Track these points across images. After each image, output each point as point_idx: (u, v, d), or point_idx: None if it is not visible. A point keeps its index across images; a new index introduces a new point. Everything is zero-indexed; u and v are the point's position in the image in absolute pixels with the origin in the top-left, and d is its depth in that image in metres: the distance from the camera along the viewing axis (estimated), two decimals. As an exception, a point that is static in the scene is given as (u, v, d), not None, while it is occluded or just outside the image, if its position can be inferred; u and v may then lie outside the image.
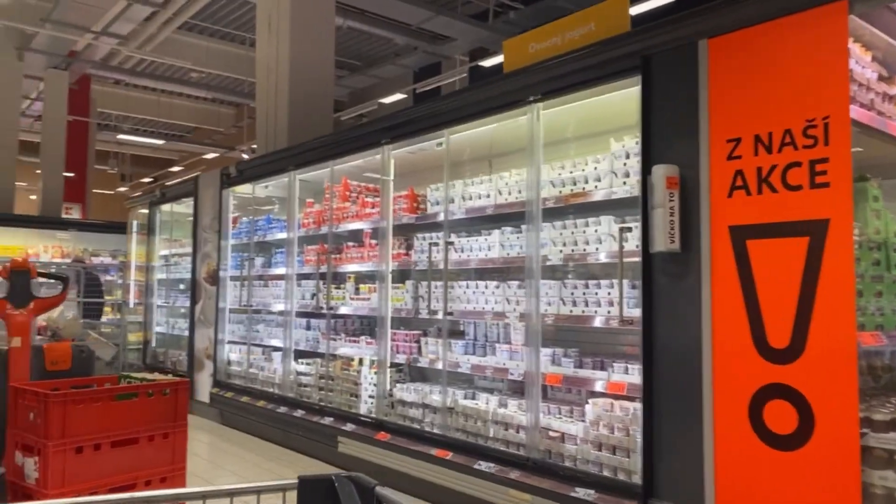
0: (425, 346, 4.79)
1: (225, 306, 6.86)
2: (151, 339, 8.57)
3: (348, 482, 1.38)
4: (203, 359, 7.07)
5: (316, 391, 5.61)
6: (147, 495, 1.38)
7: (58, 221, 12.03)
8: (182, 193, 7.79)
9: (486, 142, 4.81)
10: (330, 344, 5.55)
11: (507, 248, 4.28)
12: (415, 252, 4.94)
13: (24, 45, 11.87)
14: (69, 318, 7.74)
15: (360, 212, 5.48)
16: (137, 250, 9.19)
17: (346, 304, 5.49)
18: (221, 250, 6.89)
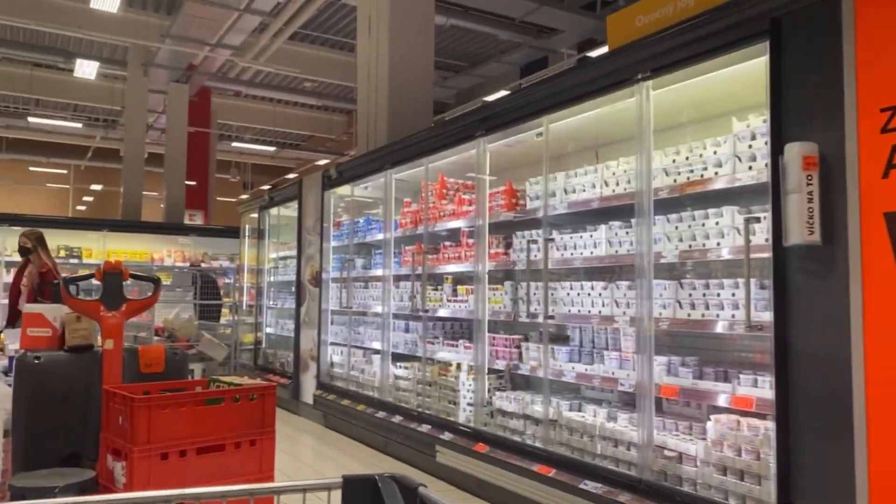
0: (526, 351, 4.47)
1: (327, 308, 6.83)
2: (262, 341, 8.74)
3: (391, 482, 1.37)
4: (308, 360, 7.08)
5: (414, 396, 5.42)
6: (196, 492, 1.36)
7: (178, 227, 12.64)
8: (288, 197, 7.88)
9: (590, 130, 4.42)
10: (427, 348, 5.34)
11: (614, 245, 3.88)
12: (514, 251, 4.63)
13: (148, 62, 12.58)
14: (184, 320, 8.01)
15: (456, 210, 5.24)
16: (249, 253, 9.43)
17: (443, 306, 5.26)
18: (324, 252, 6.87)
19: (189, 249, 12.30)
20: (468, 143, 4.85)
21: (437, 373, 5.17)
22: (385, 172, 5.90)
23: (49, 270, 6.26)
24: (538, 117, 4.18)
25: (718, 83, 3.47)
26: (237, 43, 11.59)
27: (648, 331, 3.51)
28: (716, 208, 3.36)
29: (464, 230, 5.17)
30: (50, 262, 6.34)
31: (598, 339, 4.14)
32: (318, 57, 14.85)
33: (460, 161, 5.36)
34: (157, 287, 3.58)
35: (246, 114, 19.38)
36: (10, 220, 11.23)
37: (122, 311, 3.36)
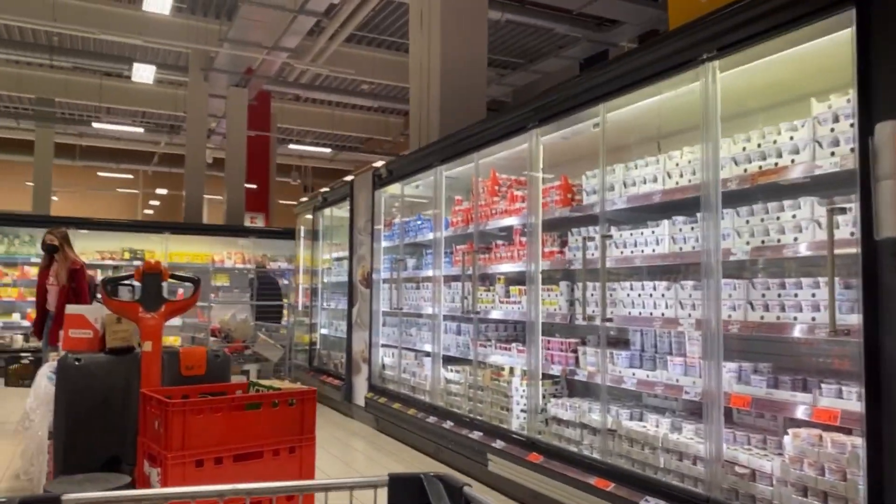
0: (583, 356, 4.20)
1: (378, 309, 6.70)
2: (317, 342, 8.70)
3: (437, 481, 1.38)
4: (360, 362, 6.96)
5: (465, 401, 5.21)
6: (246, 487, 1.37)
7: (236, 229, 12.79)
8: (340, 197, 7.80)
9: (651, 119, 4.12)
10: (478, 351, 5.13)
11: (678, 241, 3.58)
12: (569, 249, 4.37)
13: (207, 66, 12.79)
14: (240, 321, 8.03)
15: (509, 207, 5.01)
16: (304, 255, 9.42)
17: (495, 307, 5.03)
18: (374, 253, 6.75)
19: (248, 251, 12.44)
20: (520, 136, 4.61)
21: (490, 377, 4.95)
22: (435, 169, 5.72)
23: (82, 267, 6.28)
24: (594, 105, 3.91)
25: (793, 61, 3.14)
26: (293, 45, 11.65)
27: (716, 334, 3.21)
28: (792, 200, 3.03)
29: (517, 228, 4.94)
30: (79, 260, 6.39)
31: (661, 344, 3.84)
32: (375, 58, 14.83)
33: (513, 156, 5.13)
34: (196, 288, 3.49)
35: (305, 117, 19.58)
36: (76, 223, 11.58)
37: (160, 313, 3.28)
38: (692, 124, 3.45)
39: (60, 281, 6.04)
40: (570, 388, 4.58)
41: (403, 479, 1.40)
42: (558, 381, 4.56)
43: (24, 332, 10.81)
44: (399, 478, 1.41)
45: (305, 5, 10.04)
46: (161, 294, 3.30)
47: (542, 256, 4.53)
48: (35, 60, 14.29)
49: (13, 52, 12.74)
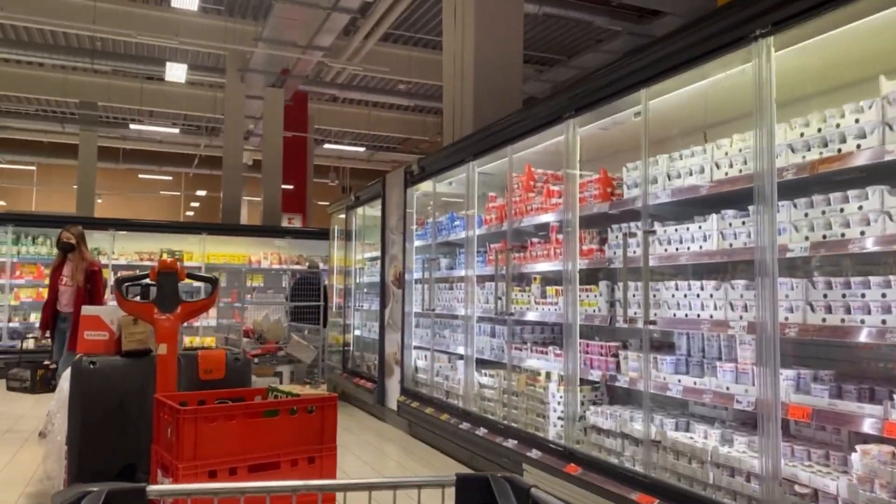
0: (624, 361, 3.93)
1: (411, 310, 6.51)
2: (351, 343, 8.56)
3: (504, 482, 1.38)
4: (392, 364, 6.78)
5: (500, 407, 4.98)
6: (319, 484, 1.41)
7: (272, 230, 12.77)
8: (372, 196, 7.64)
9: (697, 106, 3.84)
10: (512, 354, 4.89)
11: (728, 237, 3.30)
12: (609, 247, 4.10)
13: (244, 67, 12.80)
14: (273, 322, 7.93)
15: (545, 203, 4.76)
16: (338, 255, 9.30)
17: (531, 308, 4.79)
18: (406, 252, 6.56)
19: (285, 252, 12.41)
20: (556, 128, 4.36)
21: (525, 382, 4.70)
22: (467, 165, 5.51)
23: (100, 269, 6.16)
24: (635, 91, 3.65)
25: (858, 36, 2.84)
26: (328, 44, 11.57)
27: (772, 339, 2.92)
28: (858, 189, 2.73)
29: (553, 225, 4.69)
30: (97, 261, 6.31)
31: (709, 348, 3.56)
32: (411, 57, 14.70)
33: (549, 150, 4.89)
34: (214, 288, 3.34)
35: (342, 118, 19.57)
36: (115, 225, 11.70)
37: (176, 314, 3.14)
38: (743, 110, 3.17)
39: (77, 281, 5.90)
40: (611, 395, 4.32)
41: (471, 479, 1.41)
42: (598, 388, 4.29)
43: (65, 333, 10.94)
44: (467, 478, 1.41)
45: (339, 3, 9.93)
46: (177, 294, 3.16)
47: (580, 255, 4.27)
48: (79, 65, 14.53)
49: (57, 56, 12.94)
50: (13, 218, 11.05)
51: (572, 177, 4.31)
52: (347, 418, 7.15)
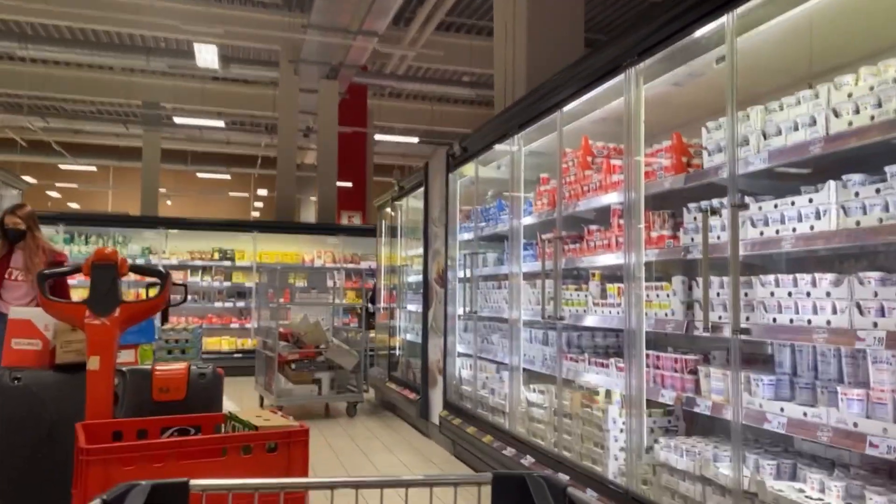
0: (706, 379, 3.02)
1: (454, 312, 5.72)
2: (397, 347, 7.85)
3: (541, 481, 1.36)
4: (436, 373, 6.01)
5: (550, 430, 4.12)
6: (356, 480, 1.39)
7: (323, 227, 12.23)
8: (416, 184, 6.89)
9: (801, 43, 2.89)
10: (565, 366, 4.02)
11: (853, 212, 2.35)
12: (685, 232, 3.19)
13: (296, 57, 12.33)
14: (311, 324, 7.29)
15: (604, 181, 3.87)
16: (385, 252, 8.62)
17: (588, 311, 3.92)
18: (449, 247, 5.77)
19: (339, 250, 11.85)
20: (615, 82, 3.48)
21: (580, 402, 3.83)
22: (513, 139, 4.67)
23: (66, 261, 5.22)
24: (717, 16, 2.73)
25: None
26: (381, 29, 10.93)
27: (929, 358, 1.98)
28: None
29: (615, 208, 3.80)
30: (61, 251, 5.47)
31: (825, 367, 2.61)
32: (472, 46, 13.91)
33: (611, 117, 4.01)
34: (164, 284, 2.65)
35: (403, 114, 18.95)
36: (166, 223, 11.42)
37: (113, 318, 2.45)
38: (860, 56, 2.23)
39: (31, 275, 4.89)
40: (688, 424, 3.40)
41: (507, 478, 1.39)
42: (671, 412, 3.39)
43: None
44: (503, 476, 1.40)
45: (386, -19, 9.27)
46: (116, 293, 2.47)
47: (647, 244, 3.37)
48: (140, 66, 14.47)
49: (112, 54, 12.85)
50: (64, 217, 10.90)
51: (635, 144, 3.41)
52: (390, 433, 6.42)
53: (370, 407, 7.90)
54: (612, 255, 3.74)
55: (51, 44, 12.66)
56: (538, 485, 1.34)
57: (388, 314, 7.94)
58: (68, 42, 12.87)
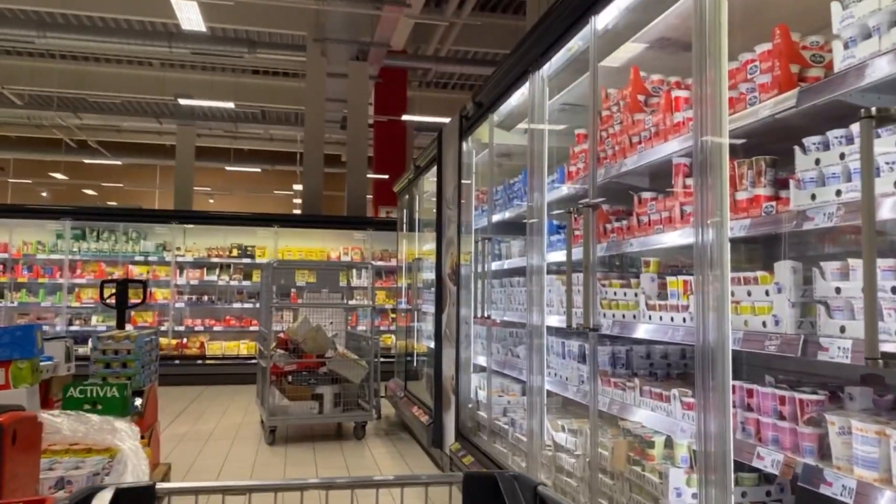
0: (839, 435, 1.75)
1: (468, 315, 4.51)
2: (414, 356, 6.69)
3: (512, 480, 1.35)
4: (449, 392, 4.83)
5: (584, 489, 2.87)
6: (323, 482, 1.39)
7: (347, 221, 11.20)
8: (430, 159, 5.72)
9: None
10: (602, 395, 2.77)
11: None
12: (800, 187, 1.91)
13: (321, 35, 11.34)
14: (311, 329, 6.19)
15: (663, 125, 2.62)
16: (405, 246, 7.48)
17: (640, 317, 2.67)
18: (463, 235, 4.58)
19: (367, 245, 10.80)
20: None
21: (625, 454, 2.58)
22: (535, 80, 3.44)
23: None
24: None
25: None
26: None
27: None
28: None
29: (680, 163, 2.55)
30: None
31: None
32: (518, 27, 12.67)
33: (674, 35, 2.76)
34: None
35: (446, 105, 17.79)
36: (180, 217, 10.58)
37: None
38: None
39: None
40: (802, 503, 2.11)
41: (478, 478, 1.38)
42: (773, 484, 2.11)
43: (129, 337, 9.92)
44: (474, 476, 1.39)
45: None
46: None
47: (734, 211, 2.12)
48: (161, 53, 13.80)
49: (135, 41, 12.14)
50: (72, 211, 10.18)
51: (714, 57, 2.15)
52: (398, 464, 5.27)
53: (386, 426, 6.77)
54: (676, 232, 2.48)
55: (70, 31, 12.04)
56: (509, 483, 1.34)
57: (407, 316, 6.80)
58: (88, 29, 12.23)
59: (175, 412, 7.49)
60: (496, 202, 4.37)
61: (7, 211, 9.55)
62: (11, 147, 21.84)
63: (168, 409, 7.63)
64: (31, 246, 9.85)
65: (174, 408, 7.75)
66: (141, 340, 4.11)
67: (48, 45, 12.99)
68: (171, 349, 9.94)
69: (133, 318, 10.02)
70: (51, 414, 3.07)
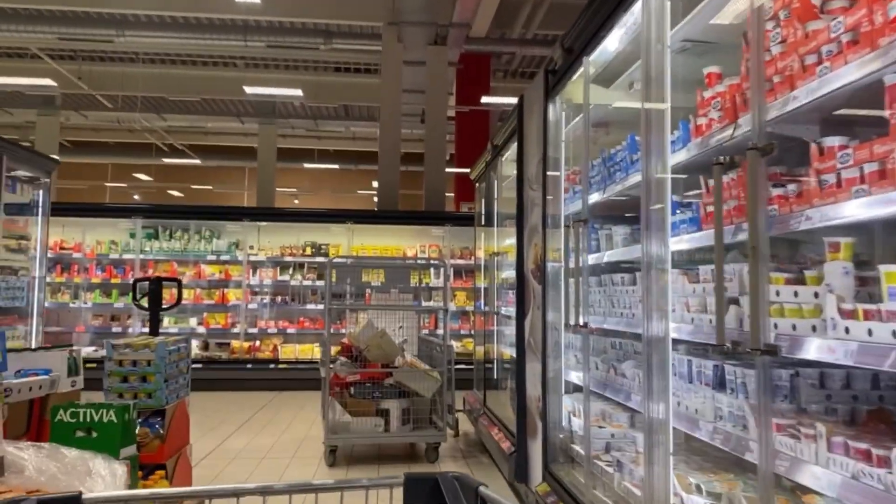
0: None
1: (559, 321, 3.60)
2: (494, 364, 5.81)
3: (453, 481, 1.36)
4: (534, 415, 3.93)
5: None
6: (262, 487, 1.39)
7: (422, 216, 10.44)
8: (509, 134, 4.83)
9: None
10: (768, 443, 1.82)
11: None
12: None
13: (397, 19, 10.66)
14: (375, 335, 5.45)
15: (866, 24, 1.65)
16: (484, 240, 6.62)
17: (823, 327, 1.71)
18: (550, 222, 3.67)
19: (446, 242, 10.02)
20: None
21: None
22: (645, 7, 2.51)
23: None
24: None
25: None
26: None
27: None
28: None
29: (892, 84, 1.58)
30: None
31: None
32: None
33: None
34: None
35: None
36: (252, 214, 10.14)
37: None
38: None
39: None
40: None
41: (419, 479, 1.38)
42: None
43: (202, 340, 9.58)
44: (415, 477, 1.39)
45: None
46: None
47: None
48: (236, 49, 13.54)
49: (210, 36, 11.90)
50: (142, 209, 9.92)
51: None
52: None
53: (464, 445, 5.94)
54: (889, 194, 1.53)
55: (147, 29, 11.95)
56: (450, 485, 1.34)
57: (486, 319, 5.95)
58: (165, 26, 12.11)
59: (238, 422, 6.94)
60: (592, 180, 3.45)
61: (77, 210, 9.35)
62: (109, 152, 22.62)
63: (232, 419, 7.10)
64: (104, 245, 9.65)
65: (238, 417, 7.21)
66: (162, 349, 3.45)
67: (128, 45, 12.99)
68: (243, 353, 9.50)
69: (206, 320, 9.65)
70: (17, 447, 2.42)
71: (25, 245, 6.21)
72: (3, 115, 16.78)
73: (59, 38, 12.47)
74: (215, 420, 7.01)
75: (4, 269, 5.70)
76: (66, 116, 17.31)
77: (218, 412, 7.47)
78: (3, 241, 5.76)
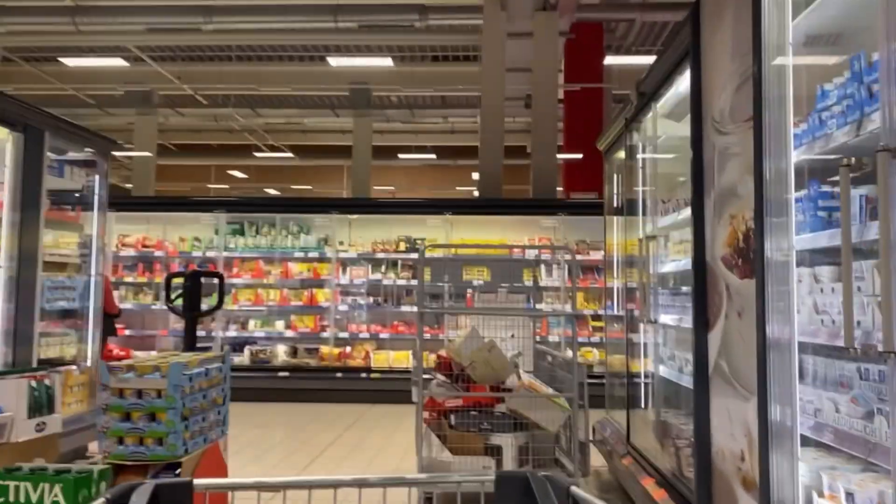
0: None
1: (787, 337, 2.22)
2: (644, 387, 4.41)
3: (544, 480, 1.35)
4: (731, 480, 2.55)
5: None
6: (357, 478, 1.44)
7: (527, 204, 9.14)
8: (666, 74, 3.45)
9: None
10: None
11: None
12: None
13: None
14: (482, 349, 4.22)
15: None
16: (619, 229, 5.24)
17: None
18: (768, 180, 2.28)
19: (559, 235, 8.66)
20: None
21: None
22: None
23: None
24: None
25: None
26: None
27: None
28: None
29: None
30: None
31: None
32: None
33: None
34: None
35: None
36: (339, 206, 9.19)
37: None
38: None
39: None
40: None
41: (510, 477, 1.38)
42: None
43: (290, 345, 8.72)
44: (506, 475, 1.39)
45: None
46: None
47: None
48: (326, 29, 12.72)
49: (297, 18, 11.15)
50: (225, 202, 9.16)
51: None
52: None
53: (597, 488, 4.63)
54: None
55: (234, 14, 11.33)
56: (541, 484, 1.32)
57: (627, 326, 4.58)
58: (254, 10, 11.46)
59: (321, 446, 5.91)
60: (863, 100, 2.06)
61: (154, 203, 8.70)
62: (212, 154, 22.81)
63: (314, 441, 6.09)
64: (187, 242, 8.97)
65: (322, 439, 6.19)
66: (177, 374, 2.35)
67: (218, 32, 12.44)
68: (333, 359, 8.54)
69: (293, 324, 8.77)
70: None
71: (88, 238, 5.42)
72: (105, 117, 16.85)
73: (147, 29, 12.08)
74: (294, 443, 6.02)
75: (51, 266, 4.87)
76: (165, 116, 17.23)
77: (301, 432, 6.50)
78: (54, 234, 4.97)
